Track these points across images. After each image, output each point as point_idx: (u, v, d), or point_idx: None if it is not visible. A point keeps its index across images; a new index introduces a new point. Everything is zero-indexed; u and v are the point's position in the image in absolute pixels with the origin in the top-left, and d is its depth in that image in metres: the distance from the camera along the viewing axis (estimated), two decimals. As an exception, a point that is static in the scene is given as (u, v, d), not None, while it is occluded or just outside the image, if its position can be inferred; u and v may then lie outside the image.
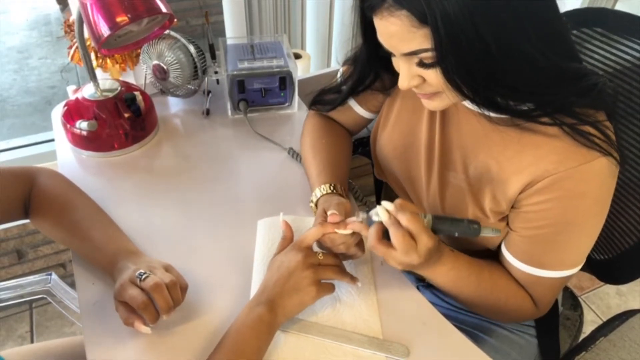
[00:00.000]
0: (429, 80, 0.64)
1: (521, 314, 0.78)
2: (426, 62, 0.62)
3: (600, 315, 1.68)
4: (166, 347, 0.67)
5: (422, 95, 0.69)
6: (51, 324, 1.62)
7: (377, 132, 0.89)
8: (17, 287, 1.08)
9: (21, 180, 0.77)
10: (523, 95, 0.63)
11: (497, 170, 0.71)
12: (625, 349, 0.75)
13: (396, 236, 0.63)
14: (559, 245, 0.70)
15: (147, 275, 0.64)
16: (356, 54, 0.82)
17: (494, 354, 0.86)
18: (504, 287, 0.75)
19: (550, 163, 0.65)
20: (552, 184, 0.66)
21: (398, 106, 0.85)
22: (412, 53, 0.61)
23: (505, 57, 0.58)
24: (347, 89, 0.86)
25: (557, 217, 0.68)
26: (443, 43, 0.57)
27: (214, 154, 1.01)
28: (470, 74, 0.60)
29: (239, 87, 1.05)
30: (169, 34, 1.04)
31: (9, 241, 1.50)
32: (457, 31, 0.55)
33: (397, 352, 0.67)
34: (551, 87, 0.62)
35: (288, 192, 0.92)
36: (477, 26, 0.55)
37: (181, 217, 0.87)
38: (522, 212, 0.71)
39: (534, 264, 0.72)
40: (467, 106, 0.73)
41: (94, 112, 0.95)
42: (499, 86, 0.61)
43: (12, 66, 2.89)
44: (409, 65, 0.64)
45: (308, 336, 0.69)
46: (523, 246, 0.72)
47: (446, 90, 0.63)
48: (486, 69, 0.59)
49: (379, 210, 0.65)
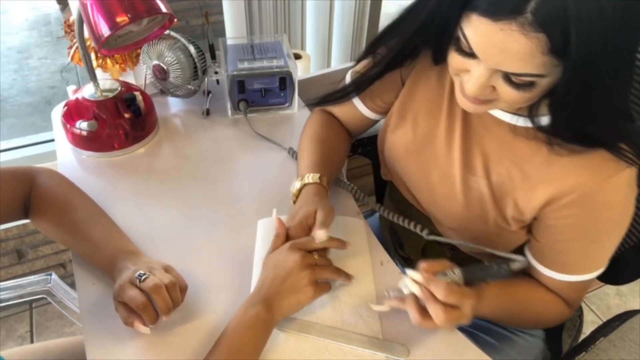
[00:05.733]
0: (503, 94, 0.61)
1: (559, 318, 0.79)
2: (518, 82, 0.58)
3: (600, 315, 1.68)
4: (166, 347, 0.67)
5: (474, 99, 0.65)
6: (51, 324, 1.62)
7: (385, 132, 0.88)
8: (17, 287, 1.08)
9: (21, 180, 0.77)
10: (603, 129, 0.62)
11: (522, 178, 0.70)
12: (625, 349, 0.75)
13: (437, 314, 0.61)
14: (589, 253, 0.71)
15: (147, 276, 0.64)
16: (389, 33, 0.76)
17: (494, 354, 0.86)
18: (539, 299, 0.76)
19: (580, 176, 0.65)
20: (582, 198, 0.65)
21: (413, 107, 0.82)
22: (517, 75, 0.57)
23: (612, 95, 0.57)
24: (381, 67, 0.79)
25: (587, 228, 0.68)
26: (575, 76, 0.54)
27: (214, 154, 1.01)
28: (576, 106, 0.58)
29: (239, 87, 1.05)
30: (169, 34, 1.04)
31: (9, 241, 1.49)
32: (591, 66, 0.52)
33: (397, 352, 0.67)
34: (623, 125, 0.63)
35: (288, 192, 0.92)
36: (607, 63, 0.53)
37: (181, 217, 0.87)
38: (550, 225, 0.70)
39: (564, 271, 0.73)
40: (493, 113, 0.72)
41: (94, 112, 0.95)
42: (589, 120, 0.60)
43: (12, 66, 2.89)
44: (490, 75, 0.60)
45: (308, 336, 0.69)
46: (552, 256, 0.73)
47: (511, 106, 0.62)
48: (591, 103, 0.58)
49: (408, 283, 0.64)
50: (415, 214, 0.90)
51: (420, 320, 0.63)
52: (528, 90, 0.58)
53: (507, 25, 0.53)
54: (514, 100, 0.60)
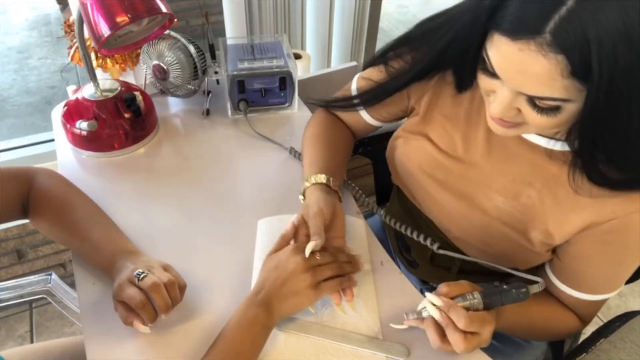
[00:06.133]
0: (528, 117, 0.58)
1: (570, 333, 0.80)
2: (542, 106, 0.55)
3: (601, 316, 1.68)
4: (166, 347, 0.67)
5: (501, 122, 0.63)
6: (51, 324, 1.61)
7: (399, 138, 0.85)
8: (17, 287, 1.08)
9: (20, 180, 0.77)
10: (633, 167, 0.60)
11: (554, 202, 0.68)
12: (625, 350, 0.74)
13: (458, 343, 0.61)
14: (613, 276, 0.71)
15: (145, 275, 0.64)
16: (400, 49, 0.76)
17: (495, 354, 0.86)
18: (554, 316, 0.76)
19: (615, 204, 0.63)
20: (617, 226, 0.65)
21: (436, 121, 0.79)
22: (540, 98, 0.55)
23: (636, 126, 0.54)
24: (393, 88, 0.79)
25: (617, 255, 0.68)
26: (599, 102, 0.51)
27: (214, 154, 1.01)
28: (600, 135, 0.55)
29: (239, 87, 1.05)
30: (169, 34, 1.04)
31: (9, 241, 1.49)
32: (617, 92, 0.50)
33: (397, 352, 0.67)
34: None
35: (288, 192, 0.92)
36: (634, 89, 0.50)
37: (181, 217, 0.87)
38: (580, 250, 0.69)
39: (584, 291, 0.73)
40: (527, 137, 0.69)
41: (94, 112, 0.95)
42: (617, 154, 0.58)
43: (12, 66, 2.89)
44: (514, 97, 0.58)
45: (308, 336, 0.69)
46: (575, 277, 0.73)
47: (542, 130, 0.61)
48: (618, 132, 0.55)
49: (429, 307, 0.63)
50: (425, 221, 0.89)
51: (440, 344, 0.63)
52: (553, 115, 0.56)
53: (526, 45, 0.51)
54: (541, 124, 0.58)
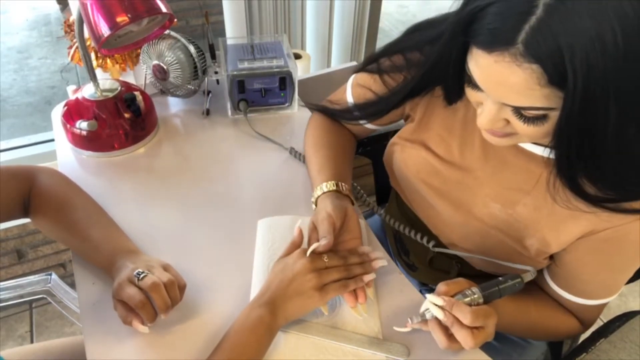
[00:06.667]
0: (517, 128, 0.58)
1: (570, 334, 0.80)
2: (527, 115, 0.55)
3: (601, 316, 1.68)
4: (166, 347, 0.67)
5: (493, 132, 0.63)
6: (51, 324, 1.61)
7: (395, 144, 0.85)
8: (17, 287, 1.08)
9: (21, 179, 0.77)
10: (611, 183, 0.58)
11: (550, 212, 0.68)
12: (625, 350, 0.74)
13: (466, 340, 0.61)
14: (612, 282, 0.71)
15: (145, 275, 0.64)
16: (397, 63, 0.77)
17: (495, 355, 0.86)
18: (553, 317, 0.76)
19: (611, 214, 0.62)
20: (614, 236, 0.65)
21: (432, 129, 0.79)
22: (523, 108, 0.55)
23: (618, 138, 0.53)
24: (391, 105, 0.79)
25: (615, 262, 0.68)
26: (575, 108, 0.50)
27: (214, 154, 1.01)
28: (576, 142, 0.54)
29: (239, 87, 1.05)
30: (169, 34, 1.04)
31: (9, 241, 1.49)
32: (591, 99, 0.49)
33: (397, 352, 0.67)
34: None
35: (288, 192, 0.92)
36: (612, 97, 0.49)
37: (181, 217, 0.87)
38: (577, 258, 0.70)
39: (583, 296, 0.73)
40: (523, 146, 0.69)
41: (94, 112, 0.95)
42: (594, 166, 0.56)
43: (12, 66, 2.89)
44: (499, 108, 0.58)
45: (308, 336, 0.69)
46: (574, 283, 0.73)
47: (533, 139, 0.61)
48: (595, 145, 0.54)
49: (432, 309, 0.63)
50: (422, 226, 0.88)
51: (448, 343, 0.63)
52: (541, 124, 0.56)
53: (501, 57, 0.51)
54: (530, 134, 0.58)
